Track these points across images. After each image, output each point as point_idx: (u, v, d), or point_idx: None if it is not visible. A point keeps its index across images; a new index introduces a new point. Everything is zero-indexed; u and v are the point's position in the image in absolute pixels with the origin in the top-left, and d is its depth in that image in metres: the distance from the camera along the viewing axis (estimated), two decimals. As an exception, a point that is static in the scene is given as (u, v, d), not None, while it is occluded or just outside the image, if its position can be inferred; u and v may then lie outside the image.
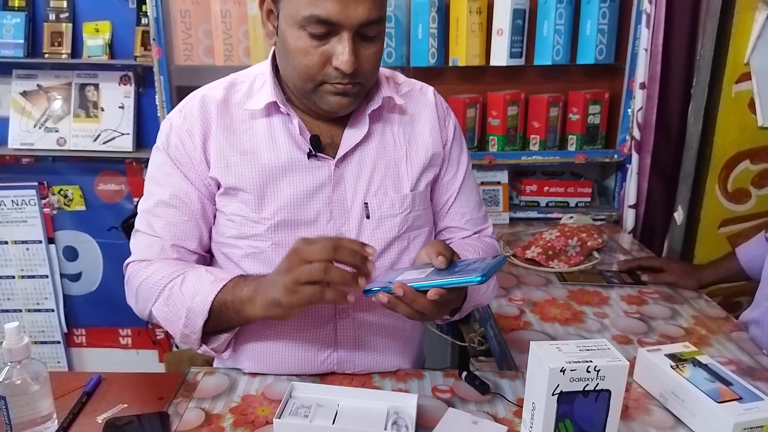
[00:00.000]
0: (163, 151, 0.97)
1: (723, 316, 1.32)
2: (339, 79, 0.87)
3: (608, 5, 1.84)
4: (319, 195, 0.96)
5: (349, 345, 1.02)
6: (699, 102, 1.75)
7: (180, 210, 0.96)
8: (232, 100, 0.98)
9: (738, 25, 1.66)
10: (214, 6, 1.85)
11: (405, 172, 1.01)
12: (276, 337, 1.01)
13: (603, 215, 2.00)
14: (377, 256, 0.99)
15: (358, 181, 0.98)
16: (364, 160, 0.99)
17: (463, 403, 0.96)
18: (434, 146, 1.04)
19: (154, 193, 0.98)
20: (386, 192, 1.00)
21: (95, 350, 2.49)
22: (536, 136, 1.98)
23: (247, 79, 1.00)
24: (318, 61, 0.86)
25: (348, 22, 0.83)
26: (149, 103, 2.14)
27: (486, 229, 1.15)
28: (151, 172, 1.00)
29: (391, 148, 1.01)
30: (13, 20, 2.04)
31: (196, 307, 0.89)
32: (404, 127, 1.03)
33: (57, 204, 2.31)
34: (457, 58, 1.90)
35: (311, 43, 0.85)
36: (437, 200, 1.10)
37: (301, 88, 0.91)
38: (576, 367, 0.74)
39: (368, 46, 0.88)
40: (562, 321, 1.29)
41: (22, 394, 0.83)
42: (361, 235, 0.98)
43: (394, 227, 1.00)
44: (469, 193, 1.11)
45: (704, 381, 0.91)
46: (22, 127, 2.16)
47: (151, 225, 0.97)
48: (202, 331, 0.90)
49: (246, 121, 0.97)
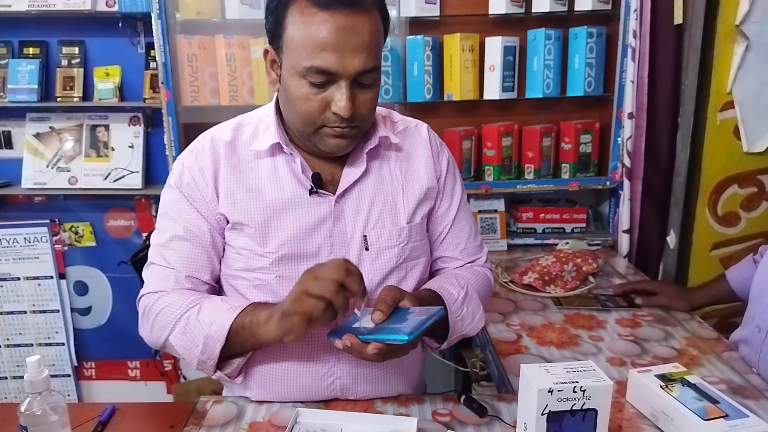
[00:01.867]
0: (176, 188, 1.04)
1: (714, 336, 1.36)
2: (338, 123, 0.94)
3: (595, 40, 1.92)
4: (320, 229, 1.02)
5: (352, 371, 1.06)
6: (686, 130, 1.81)
7: (193, 243, 1.02)
8: (238, 141, 1.05)
9: (719, 56, 1.73)
10: (220, 50, 1.94)
11: (402, 205, 1.07)
12: (282, 364, 1.05)
13: (598, 240, 2.05)
14: (376, 285, 1.05)
15: (357, 215, 1.04)
16: (363, 195, 1.05)
17: (462, 426, 1.00)
18: (429, 180, 1.11)
19: (168, 228, 1.03)
20: (384, 225, 1.05)
21: (105, 383, 2.53)
22: (531, 165, 2.05)
23: (252, 120, 1.07)
24: (318, 107, 0.93)
25: (345, 72, 0.90)
26: (158, 142, 2.22)
27: (479, 259, 1.19)
28: (163, 208, 1.06)
29: (388, 183, 1.07)
30: (27, 67, 2.14)
31: (214, 333, 0.94)
32: (400, 163, 1.10)
33: (68, 240, 2.38)
34: (451, 93, 1.97)
35: (311, 91, 0.92)
36: (432, 231, 1.15)
37: (303, 131, 0.99)
38: (563, 387, 0.79)
39: (365, 92, 0.95)
40: (558, 345, 1.33)
41: (42, 424, 0.87)
42: (361, 266, 1.01)
43: (392, 258, 1.06)
44: (463, 224, 1.17)
45: (692, 400, 0.95)
46: (35, 168, 2.24)
47: (166, 258, 1.02)
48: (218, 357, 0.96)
49: (252, 160, 1.04)
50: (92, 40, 2.20)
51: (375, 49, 0.92)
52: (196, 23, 1.95)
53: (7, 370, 2.44)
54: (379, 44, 0.95)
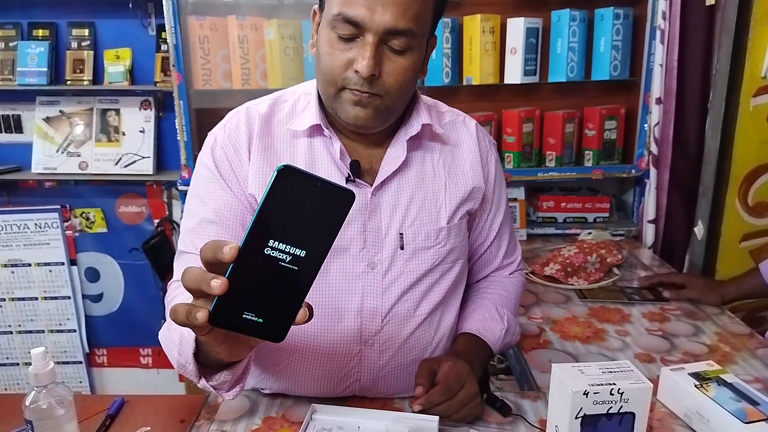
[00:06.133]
0: (206, 165, 0.96)
1: (747, 332, 1.30)
2: (358, 86, 0.85)
3: (621, 22, 1.84)
4: (354, 222, 0.95)
5: (373, 373, 1.01)
6: (716, 116, 1.74)
7: (224, 226, 0.93)
8: (275, 117, 0.97)
9: (754, 39, 1.65)
10: (232, 32, 1.88)
11: (443, 204, 1.00)
12: (301, 364, 0.99)
13: (622, 230, 1.98)
14: (408, 287, 0.98)
15: (394, 211, 0.97)
16: (402, 189, 0.97)
17: (485, 425, 0.96)
18: (474, 179, 1.03)
19: (198, 212, 0.95)
20: (422, 223, 0.98)
21: (116, 370, 2.52)
22: (552, 152, 1.98)
23: (291, 98, 1.00)
24: (341, 63, 0.85)
25: (373, 25, 0.82)
26: (169, 126, 2.17)
27: (515, 260, 1.20)
28: (194, 188, 0.97)
29: (430, 178, 1.00)
30: (36, 49, 2.10)
31: (186, 332, 0.74)
32: (444, 157, 1.02)
33: (79, 226, 2.35)
34: (471, 77, 1.91)
35: (338, 45, 0.85)
36: (476, 237, 1.11)
37: (326, 93, 0.90)
38: (599, 390, 0.74)
39: (394, 59, 0.86)
40: (582, 339, 1.28)
41: (48, 418, 0.84)
42: (394, 265, 0.97)
43: (427, 260, 0.99)
44: (505, 229, 1.14)
45: (730, 400, 0.90)
46: (45, 152, 2.21)
47: (195, 244, 0.93)
48: (198, 363, 0.74)
49: (287, 140, 0.96)
50: (102, 21, 2.15)
51: (413, 11, 0.83)
52: (208, 4, 1.90)
53: (19, 357, 2.44)
54: (421, 9, 0.85)
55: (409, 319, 0.99)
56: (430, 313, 1.01)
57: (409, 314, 0.99)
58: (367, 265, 0.96)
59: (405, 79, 0.88)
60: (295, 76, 1.91)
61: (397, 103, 0.91)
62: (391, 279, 0.97)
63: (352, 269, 0.95)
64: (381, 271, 0.96)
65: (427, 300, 1.01)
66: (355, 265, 0.95)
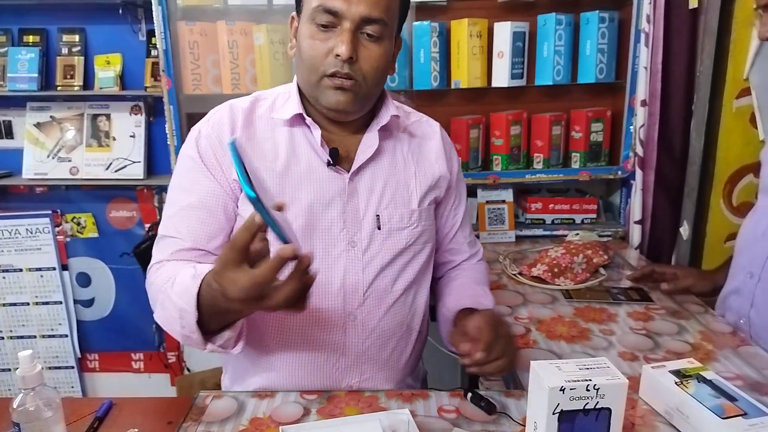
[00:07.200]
0: (191, 156, 1.02)
1: (729, 330, 1.32)
2: (338, 68, 0.95)
3: (607, 25, 1.87)
4: (334, 205, 1.04)
5: (357, 349, 1.08)
6: (700, 118, 1.76)
7: (208, 212, 1.00)
8: (256, 111, 1.06)
9: (736, 42, 1.67)
10: (222, 37, 1.90)
11: (414, 188, 1.11)
12: (290, 341, 1.06)
13: (609, 231, 2.00)
14: (386, 264, 1.08)
15: (371, 194, 1.07)
16: (377, 175, 1.08)
17: (469, 423, 0.97)
18: (440, 169, 1.15)
19: (180, 200, 1.02)
20: (396, 206, 1.08)
21: (108, 375, 2.52)
22: (540, 154, 2.00)
23: (270, 96, 1.09)
24: (321, 51, 0.96)
25: (349, 13, 0.94)
26: (159, 131, 2.19)
27: (478, 252, 1.31)
28: (176, 179, 1.04)
29: (401, 166, 1.11)
30: (27, 55, 2.11)
31: (186, 306, 0.83)
32: (413, 148, 1.14)
33: (70, 231, 2.36)
34: (459, 81, 1.93)
35: (318, 35, 0.96)
36: (443, 225, 1.23)
37: (308, 82, 1.00)
38: (576, 386, 0.75)
39: (369, 46, 0.97)
40: (568, 339, 1.30)
41: (36, 421, 0.84)
42: (372, 245, 1.06)
43: (402, 239, 1.09)
44: (467, 220, 1.27)
45: (709, 397, 0.91)
46: (36, 158, 2.21)
47: (177, 228, 1.00)
48: (202, 329, 0.85)
49: (268, 130, 1.05)
50: (93, 27, 2.17)
51: (384, 4, 0.96)
52: (198, 9, 1.91)
53: (10, 362, 2.44)
54: (390, 4, 0.98)
55: (387, 294, 1.09)
56: (405, 289, 1.11)
57: (387, 289, 1.09)
58: (347, 243, 1.05)
59: (378, 66, 0.99)
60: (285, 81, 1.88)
61: (372, 89, 1.02)
62: (370, 256, 1.06)
63: (334, 248, 1.04)
64: (361, 248, 1.06)
65: (402, 277, 1.11)
66: (337, 244, 1.04)
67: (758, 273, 1.24)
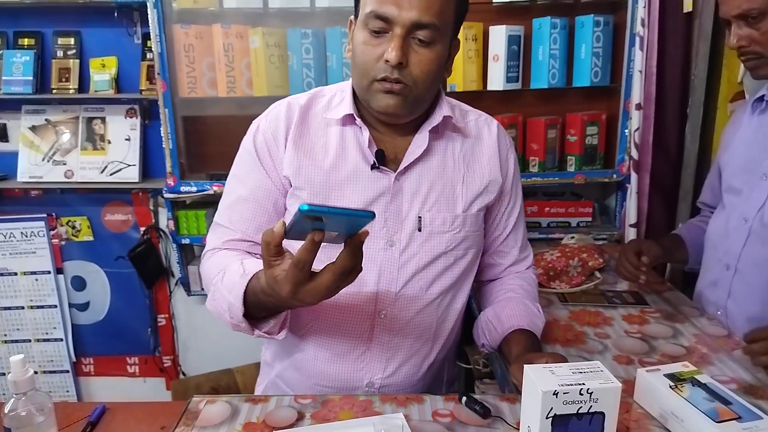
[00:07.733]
0: (248, 150, 1.08)
1: (724, 334, 1.32)
2: (387, 74, 0.96)
3: (602, 29, 1.87)
4: (377, 204, 1.06)
5: (383, 346, 1.10)
6: (695, 121, 1.77)
7: (258, 205, 1.06)
8: (313, 108, 1.09)
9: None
10: (217, 40, 1.90)
11: (460, 193, 1.10)
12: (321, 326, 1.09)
13: (605, 235, 2.00)
14: (422, 266, 1.08)
15: (415, 195, 1.07)
16: (423, 176, 1.08)
17: (464, 427, 0.96)
18: (491, 173, 1.13)
19: (235, 190, 1.08)
20: (440, 209, 1.08)
21: (103, 379, 2.51)
22: (535, 157, 2.01)
23: (329, 93, 1.12)
24: (373, 56, 0.97)
25: (400, 19, 0.94)
26: (155, 134, 2.17)
27: (528, 257, 1.28)
28: (235, 169, 1.11)
29: (450, 169, 1.10)
30: (22, 58, 2.11)
31: (234, 300, 0.91)
32: (465, 149, 1.12)
33: (65, 235, 2.35)
34: (454, 84, 1.93)
35: (370, 41, 0.97)
36: (494, 229, 1.20)
37: (360, 86, 1.02)
38: (569, 389, 0.75)
39: (420, 51, 0.97)
40: (563, 342, 1.29)
41: (27, 426, 0.84)
42: (411, 245, 1.07)
43: (441, 243, 1.09)
44: (520, 224, 1.24)
45: (703, 401, 0.91)
46: (31, 161, 2.20)
47: (230, 218, 1.07)
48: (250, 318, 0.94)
49: (322, 128, 1.08)
50: (88, 30, 2.16)
51: (435, 8, 0.95)
52: (193, 12, 1.91)
53: (5, 366, 2.42)
54: (442, 7, 0.96)
55: (420, 297, 1.09)
56: (441, 293, 1.11)
57: (420, 292, 1.09)
58: (386, 242, 1.06)
59: (430, 70, 0.99)
60: (281, 84, 1.92)
61: (424, 93, 1.01)
62: (407, 257, 1.07)
63: (373, 245, 1.05)
64: (399, 248, 1.07)
65: (439, 282, 1.10)
66: (376, 241, 1.05)
67: (734, 264, 1.29)
